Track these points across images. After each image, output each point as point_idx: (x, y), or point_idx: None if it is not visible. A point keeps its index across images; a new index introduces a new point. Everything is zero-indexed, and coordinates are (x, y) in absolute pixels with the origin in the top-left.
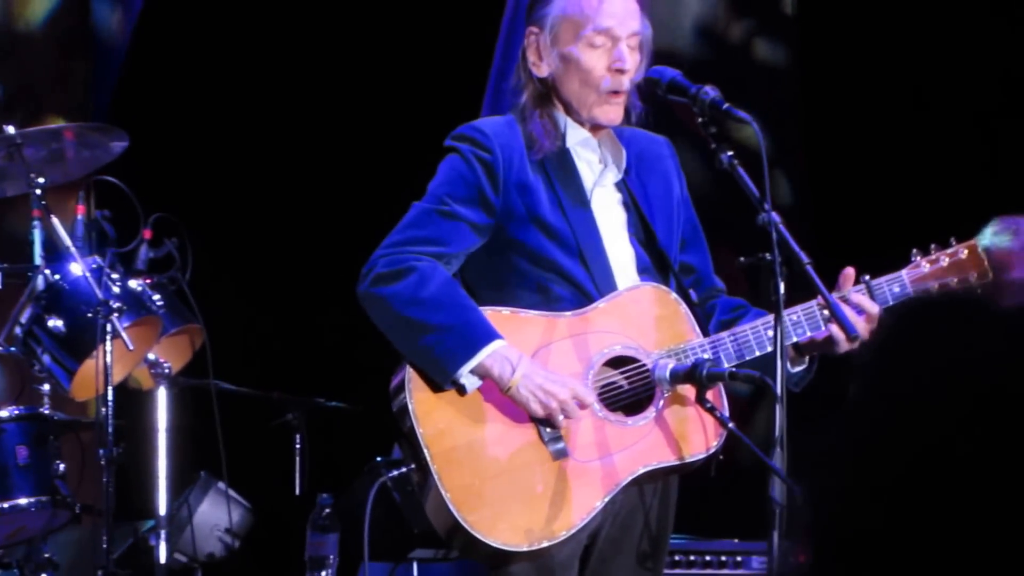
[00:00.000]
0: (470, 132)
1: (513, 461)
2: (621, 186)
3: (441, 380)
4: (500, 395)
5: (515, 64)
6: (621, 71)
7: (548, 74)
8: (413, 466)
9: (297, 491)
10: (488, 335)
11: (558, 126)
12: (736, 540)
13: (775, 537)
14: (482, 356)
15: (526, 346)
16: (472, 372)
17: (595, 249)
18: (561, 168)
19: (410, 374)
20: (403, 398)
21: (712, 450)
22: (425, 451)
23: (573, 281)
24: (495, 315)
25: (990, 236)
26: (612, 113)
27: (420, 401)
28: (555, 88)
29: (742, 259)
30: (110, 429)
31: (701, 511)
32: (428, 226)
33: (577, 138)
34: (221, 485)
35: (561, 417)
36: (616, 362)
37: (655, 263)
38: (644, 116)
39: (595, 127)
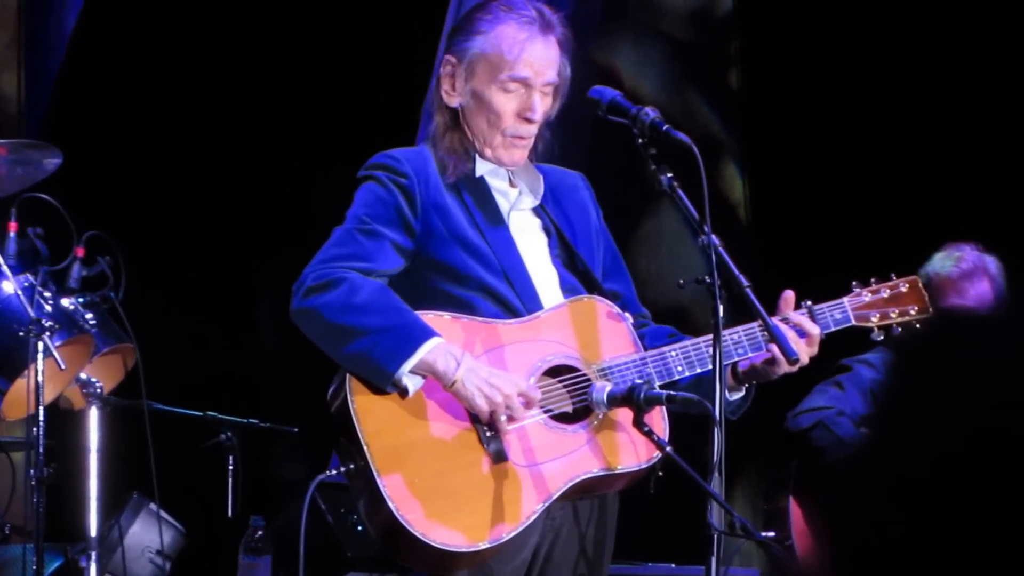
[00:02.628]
0: (384, 159)
1: (453, 461)
2: (540, 212)
3: (381, 381)
4: (441, 394)
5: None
6: (530, 121)
7: (458, 105)
8: (351, 467)
9: (230, 513)
10: (426, 332)
11: (469, 154)
12: (673, 565)
13: (712, 563)
14: (423, 352)
15: (468, 350)
16: (413, 371)
17: (517, 268)
18: (475, 192)
19: (349, 378)
20: (342, 400)
21: (648, 463)
22: (365, 449)
23: (498, 298)
24: (437, 319)
25: (934, 262)
26: (516, 156)
27: (360, 402)
28: (464, 120)
29: (681, 281)
30: (41, 449)
31: (639, 535)
32: (352, 244)
33: (486, 168)
34: (153, 506)
35: (504, 416)
36: (556, 371)
37: (581, 285)
38: (551, 149)
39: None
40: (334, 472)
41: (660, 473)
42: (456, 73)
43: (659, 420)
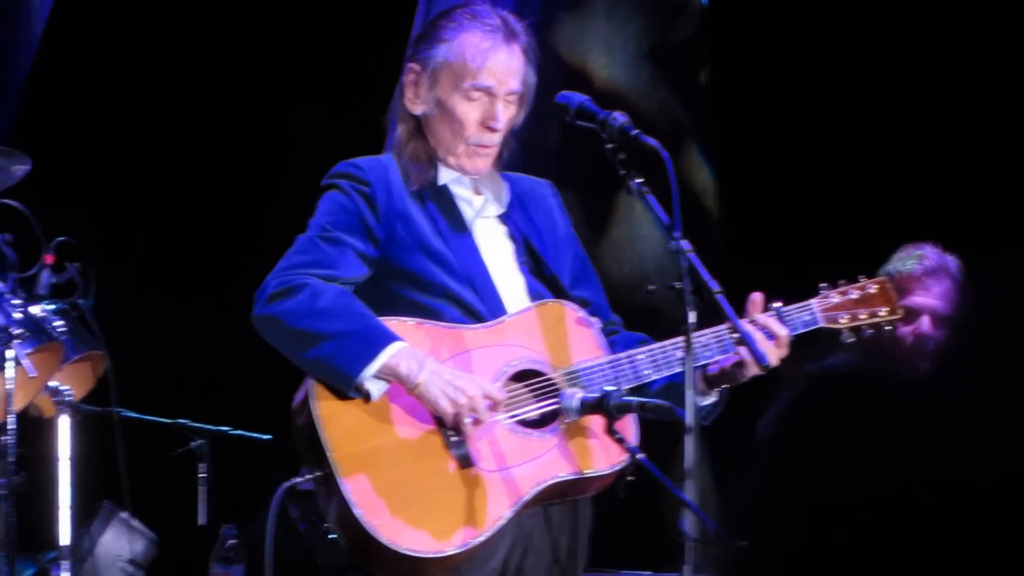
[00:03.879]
0: (346, 168)
1: (418, 466)
2: (506, 219)
3: (344, 386)
4: (406, 398)
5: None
6: (493, 129)
7: (422, 113)
8: (316, 474)
9: (201, 521)
10: (389, 336)
11: (432, 162)
12: (649, 572)
13: (687, 571)
14: (385, 356)
15: (434, 355)
16: (376, 376)
17: (481, 275)
18: (439, 200)
19: (312, 384)
20: (306, 407)
21: (618, 466)
22: (329, 455)
23: (463, 305)
24: (400, 325)
25: (895, 261)
26: (479, 164)
27: (324, 407)
28: (427, 128)
29: (651, 287)
30: (11, 458)
31: (614, 541)
32: (314, 252)
33: (450, 176)
34: (124, 515)
35: (469, 420)
36: (523, 375)
37: (548, 292)
38: (515, 157)
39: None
40: (299, 480)
41: (630, 478)
42: (419, 81)
43: (630, 424)
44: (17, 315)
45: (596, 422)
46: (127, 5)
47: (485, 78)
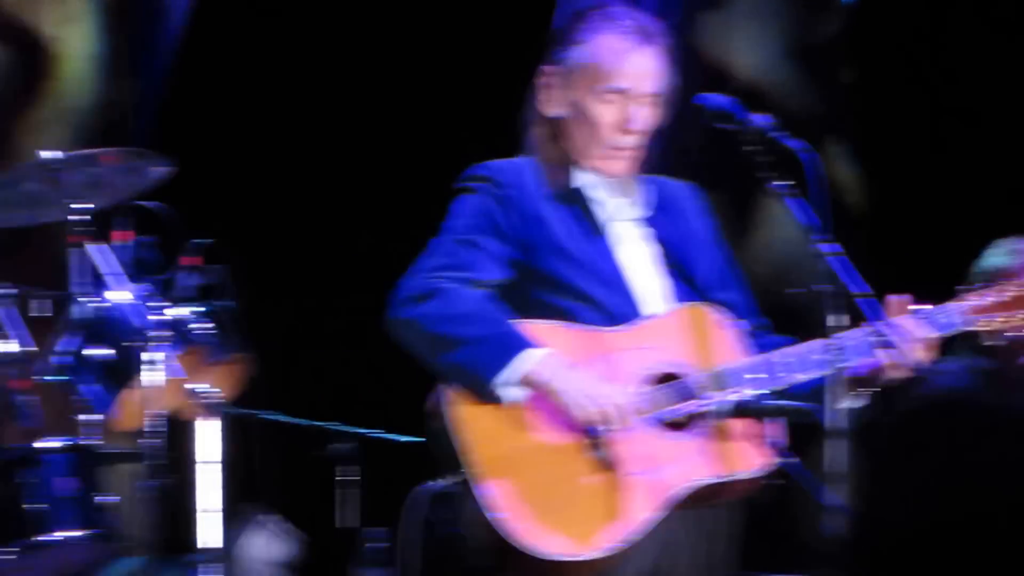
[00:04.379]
0: (480, 171)
1: (558, 470)
2: (646, 223)
3: (480, 391)
4: (544, 402)
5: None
6: (629, 132)
7: (556, 115)
8: (455, 478)
9: (348, 524)
10: (525, 342)
11: (567, 164)
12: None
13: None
14: (522, 362)
15: (571, 358)
16: (513, 381)
17: (616, 277)
18: (573, 202)
19: (447, 389)
20: (443, 411)
21: (763, 469)
22: (467, 459)
23: (600, 307)
24: (538, 328)
25: (994, 256)
26: (616, 166)
27: (462, 412)
28: (562, 130)
29: (794, 290)
30: (157, 460)
31: (760, 545)
32: (448, 255)
33: (584, 179)
34: (271, 518)
35: (608, 425)
36: (663, 378)
37: (690, 295)
38: (658, 160)
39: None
40: (437, 484)
41: (775, 481)
42: (554, 83)
43: (774, 427)
44: (162, 318)
45: (740, 425)
46: (263, 5)
47: (620, 80)
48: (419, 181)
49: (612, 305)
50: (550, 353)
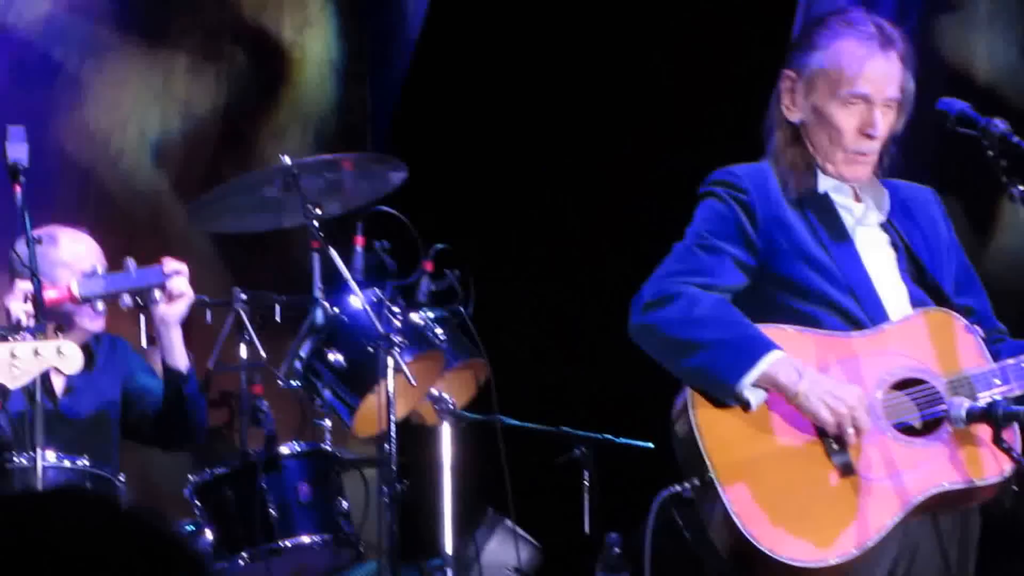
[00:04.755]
0: (723, 176)
1: (799, 475)
2: (887, 228)
3: (723, 395)
4: (784, 407)
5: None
6: (871, 137)
7: (799, 120)
8: (695, 482)
9: (586, 529)
10: (766, 346)
11: (811, 169)
12: None
13: None
14: (764, 365)
15: (811, 362)
16: (755, 384)
17: (863, 283)
18: (819, 208)
19: (691, 392)
20: (685, 415)
21: (1001, 475)
22: (709, 463)
23: (844, 313)
24: (779, 332)
25: None
26: (858, 171)
27: (703, 416)
28: (805, 135)
29: None
30: (394, 466)
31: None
32: (691, 260)
33: (829, 184)
34: (508, 523)
35: (850, 429)
36: (905, 383)
37: (931, 300)
38: (897, 165)
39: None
40: (678, 488)
41: (1015, 488)
42: (796, 88)
43: (1013, 434)
44: (397, 323)
45: (982, 431)
46: (500, 9)
47: (862, 85)
48: (653, 185)
49: (858, 311)
50: (790, 357)
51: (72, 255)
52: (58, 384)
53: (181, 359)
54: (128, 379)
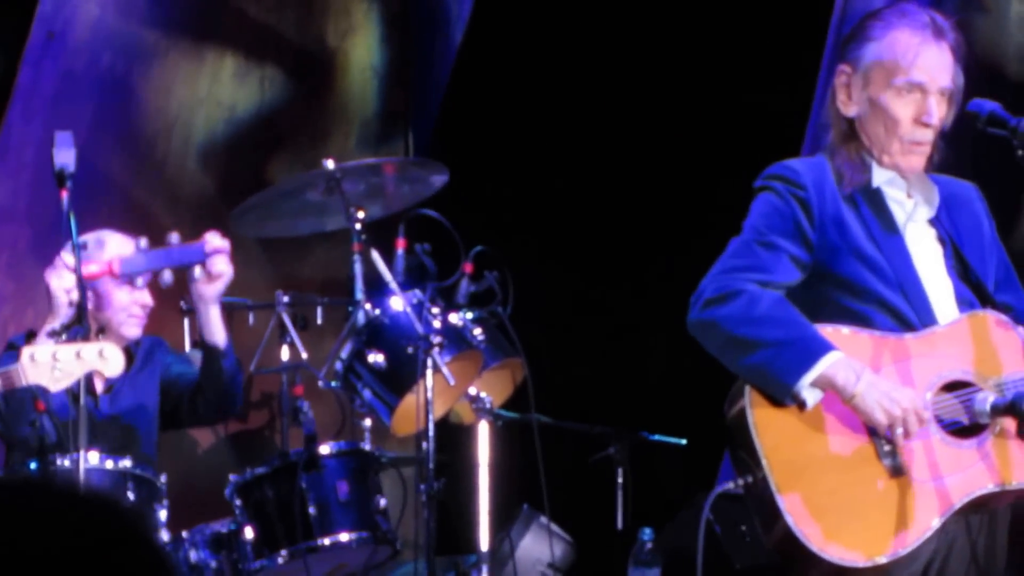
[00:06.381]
0: (781, 171)
1: (851, 475)
2: (935, 223)
3: (781, 394)
4: (838, 407)
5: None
6: (927, 125)
7: (855, 114)
8: (748, 479)
9: (619, 526)
10: (825, 346)
11: (865, 164)
12: None
13: None
14: (823, 366)
15: (866, 363)
16: (813, 384)
17: (912, 280)
18: (872, 203)
19: (749, 390)
20: (741, 411)
21: None
22: (764, 462)
23: (894, 312)
24: (835, 333)
25: None
26: (914, 162)
27: (759, 413)
28: (860, 129)
29: None
30: (431, 464)
31: None
32: (749, 256)
33: (884, 178)
34: (543, 519)
35: (901, 430)
36: (952, 386)
37: (975, 297)
38: (947, 159)
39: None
40: (731, 485)
41: None
42: (851, 82)
43: None
44: (437, 324)
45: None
46: (542, 14)
47: (917, 74)
48: (691, 183)
49: (908, 310)
50: (848, 358)
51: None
52: (99, 385)
53: (219, 334)
54: (164, 371)
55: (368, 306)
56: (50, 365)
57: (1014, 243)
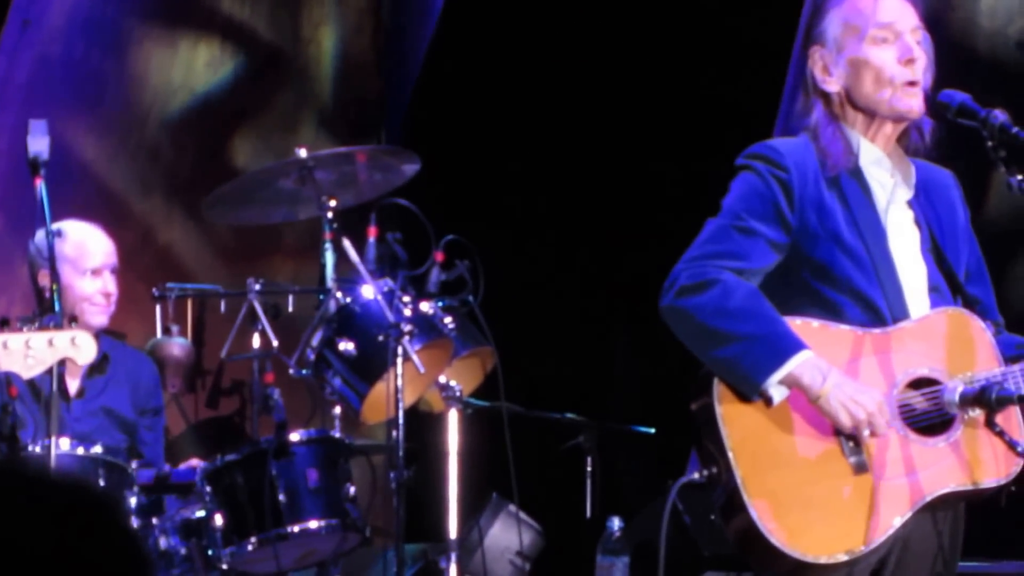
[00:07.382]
0: (764, 150)
1: (815, 472)
2: (912, 205)
3: (748, 390)
4: (805, 404)
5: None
6: (911, 60)
7: (841, 85)
8: (712, 471)
9: (587, 514)
10: (796, 345)
11: (851, 143)
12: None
13: None
14: (791, 366)
15: (833, 359)
16: (780, 382)
17: (888, 269)
18: (855, 186)
19: (717, 383)
20: (708, 404)
21: (1008, 477)
22: (730, 456)
23: (867, 302)
24: (805, 326)
25: None
26: (913, 102)
27: (727, 407)
28: (848, 99)
29: None
30: (401, 452)
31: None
32: (726, 241)
33: (870, 157)
34: (512, 508)
35: (867, 431)
36: (919, 383)
37: (946, 285)
38: (934, 136)
39: (887, 144)
40: (696, 476)
41: (1013, 488)
42: (826, 56)
43: (1016, 426)
44: (407, 312)
45: (989, 432)
46: (515, 5)
47: (883, 15)
48: (661, 179)
49: (881, 301)
50: (816, 358)
51: (75, 250)
52: (72, 386)
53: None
54: (136, 403)
55: (339, 294)
56: (23, 352)
57: (981, 223)
